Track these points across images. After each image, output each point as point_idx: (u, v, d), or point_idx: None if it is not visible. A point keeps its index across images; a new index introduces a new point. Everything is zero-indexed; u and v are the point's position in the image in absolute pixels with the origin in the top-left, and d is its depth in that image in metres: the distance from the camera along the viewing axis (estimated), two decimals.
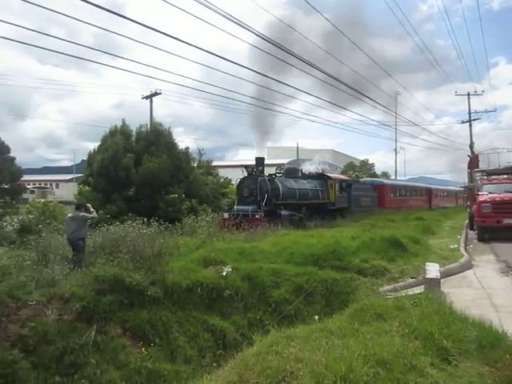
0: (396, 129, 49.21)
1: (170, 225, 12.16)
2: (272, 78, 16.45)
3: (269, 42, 11.41)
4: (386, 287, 9.66)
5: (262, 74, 15.47)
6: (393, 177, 57.52)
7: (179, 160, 26.98)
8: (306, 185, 23.37)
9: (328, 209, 24.24)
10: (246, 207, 19.32)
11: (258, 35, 10.98)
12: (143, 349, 7.22)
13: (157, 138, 26.79)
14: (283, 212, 19.38)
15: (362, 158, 76.51)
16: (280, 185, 20.67)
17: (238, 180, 22.01)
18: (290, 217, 19.47)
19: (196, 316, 8.55)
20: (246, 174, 21.39)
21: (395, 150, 57.16)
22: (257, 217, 18.44)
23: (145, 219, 10.65)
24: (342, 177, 30.88)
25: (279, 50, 12.73)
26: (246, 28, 10.51)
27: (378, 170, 68.62)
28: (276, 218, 18.23)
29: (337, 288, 10.28)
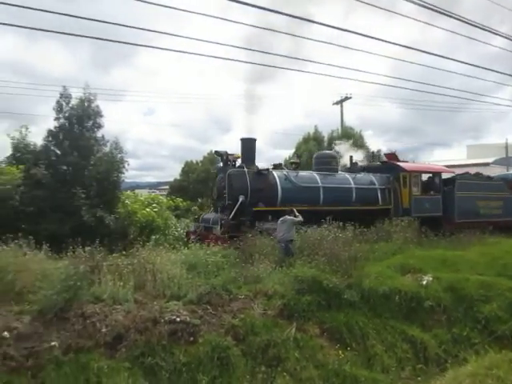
0: None
1: (365, 229, 11.99)
2: (475, 66, 14.53)
3: (472, 25, 10.26)
4: None
5: (463, 62, 13.91)
6: None
7: None
8: (348, 181, 15.01)
9: (391, 219, 13.83)
10: (210, 216, 13.54)
11: (458, 19, 9.98)
12: (340, 351, 7.27)
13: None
14: (267, 225, 11.98)
15: None
16: (280, 181, 13.39)
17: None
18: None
19: (394, 325, 8.22)
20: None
21: None
22: (214, 233, 12.24)
23: (340, 223, 10.75)
24: (433, 167, 19.40)
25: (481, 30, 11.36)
26: (442, 13, 9.65)
27: None
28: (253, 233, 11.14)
29: None
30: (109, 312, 6.43)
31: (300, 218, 10.32)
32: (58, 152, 17.12)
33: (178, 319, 6.53)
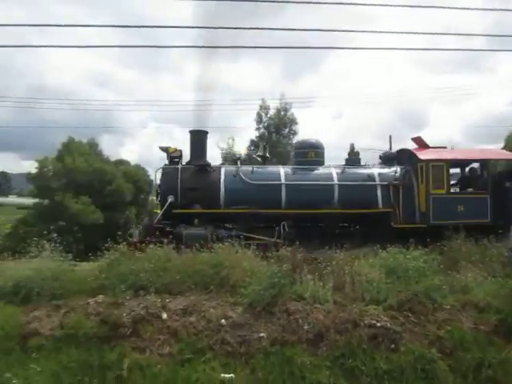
0: None
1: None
2: None
3: None
4: None
5: None
6: None
7: None
8: (330, 177, 11.61)
9: (389, 229, 11.04)
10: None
11: None
12: None
13: None
14: (192, 231, 10.27)
15: None
16: (225, 179, 11.27)
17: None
18: (201, 238, 9.44)
19: None
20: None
21: None
22: (134, 238, 10.50)
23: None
24: (474, 153, 13.25)
25: None
26: None
27: None
28: (175, 240, 9.78)
29: None
30: (310, 310, 6.70)
31: None
32: (259, 159, 18.82)
33: (378, 324, 6.39)
